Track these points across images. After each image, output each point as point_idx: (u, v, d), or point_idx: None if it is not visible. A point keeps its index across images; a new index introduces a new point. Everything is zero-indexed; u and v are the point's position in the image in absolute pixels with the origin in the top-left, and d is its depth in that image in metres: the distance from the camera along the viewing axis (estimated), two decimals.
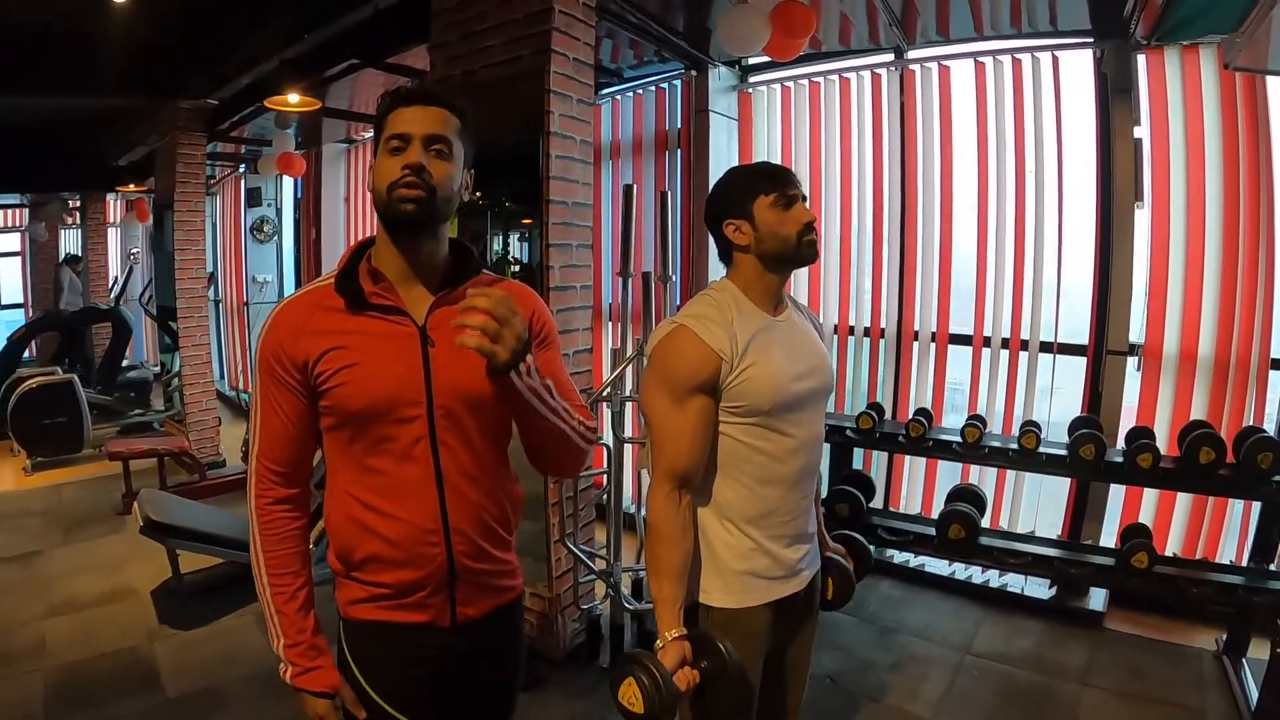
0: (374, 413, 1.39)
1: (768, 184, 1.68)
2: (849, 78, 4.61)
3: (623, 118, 5.41)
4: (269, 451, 1.46)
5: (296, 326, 1.41)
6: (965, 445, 3.81)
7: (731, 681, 1.57)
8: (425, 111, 1.39)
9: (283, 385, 1.42)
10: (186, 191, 6.72)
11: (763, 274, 1.71)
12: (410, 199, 1.35)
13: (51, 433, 6.54)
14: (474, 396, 1.43)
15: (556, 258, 3.16)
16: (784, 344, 1.70)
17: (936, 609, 3.81)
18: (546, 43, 2.99)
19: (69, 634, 3.70)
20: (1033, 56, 4.05)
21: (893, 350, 4.61)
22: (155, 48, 5.65)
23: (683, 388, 1.62)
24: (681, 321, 1.66)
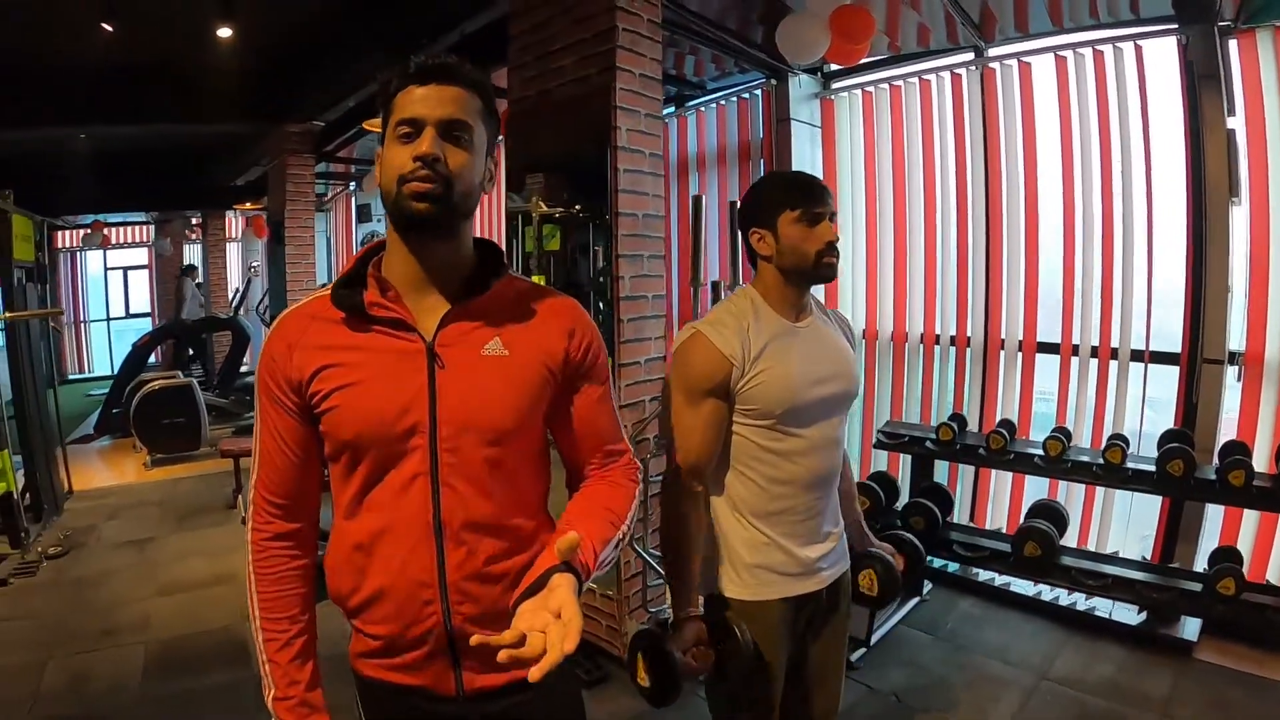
0: (367, 442, 1.20)
1: (795, 198, 1.70)
2: (929, 79, 4.56)
3: (707, 129, 5.47)
4: (267, 480, 1.28)
5: (292, 340, 1.22)
6: (1048, 459, 3.69)
7: (747, 662, 1.60)
8: (439, 91, 1.16)
9: (279, 406, 1.25)
10: (296, 209, 7.16)
11: (782, 284, 1.75)
12: (422, 195, 1.14)
13: (171, 431, 7.01)
14: (488, 431, 1.22)
15: (626, 268, 3.23)
16: (803, 349, 1.73)
17: (1016, 629, 3.65)
18: (612, 60, 3.06)
19: (172, 612, 4.01)
20: (1114, 47, 3.89)
21: (979, 359, 4.50)
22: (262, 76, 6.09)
23: (696, 389, 1.68)
24: (699, 328, 1.71)
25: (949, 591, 4.01)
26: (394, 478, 1.20)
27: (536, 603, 1.01)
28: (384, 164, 1.19)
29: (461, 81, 1.18)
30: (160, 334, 9.62)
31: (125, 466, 7.19)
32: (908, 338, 4.77)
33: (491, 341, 1.24)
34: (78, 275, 13.75)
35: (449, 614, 1.22)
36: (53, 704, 3.20)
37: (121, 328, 13.60)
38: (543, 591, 1.02)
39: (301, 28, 5.52)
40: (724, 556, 1.76)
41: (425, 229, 1.18)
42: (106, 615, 3.98)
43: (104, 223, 12.38)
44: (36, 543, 4.97)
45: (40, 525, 5.30)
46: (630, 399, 3.25)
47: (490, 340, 1.24)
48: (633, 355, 3.25)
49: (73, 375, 13.19)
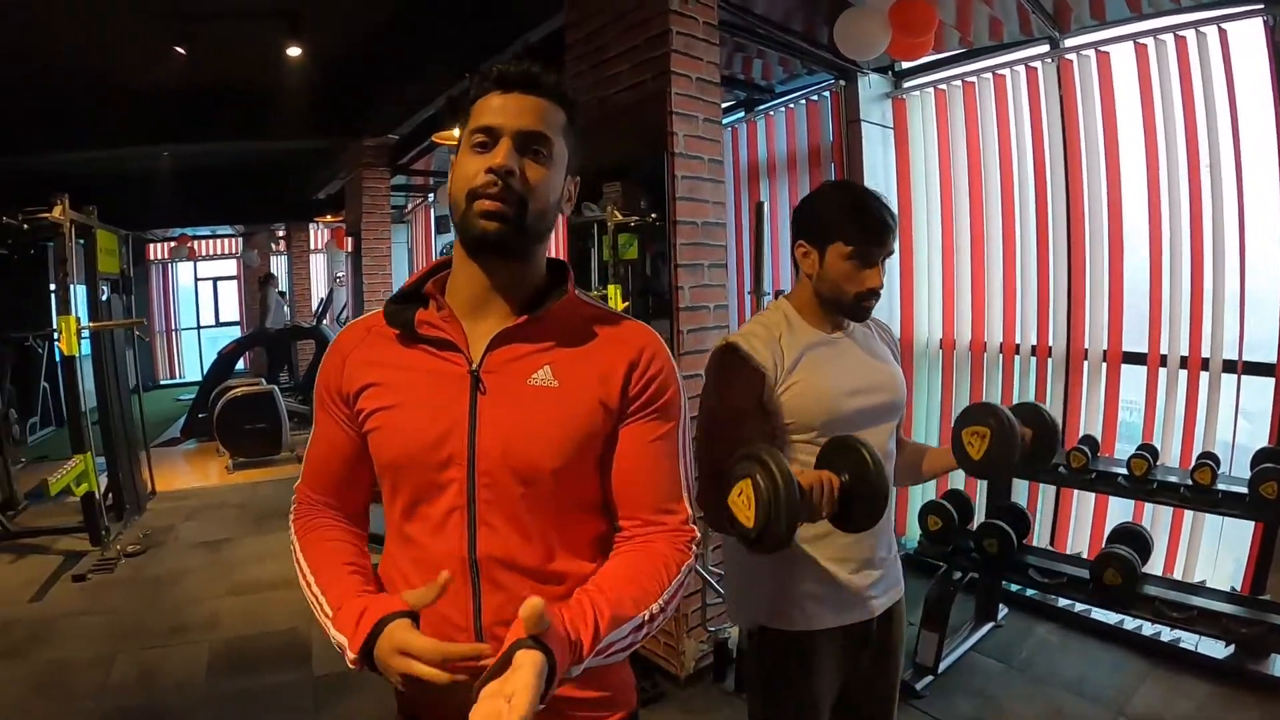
0: (404, 468, 1.12)
1: (854, 233, 1.59)
2: (1003, 74, 4.35)
3: (776, 133, 5.37)
4: (313, 478, 1.25)
5: (347, 352, 1.18)
6: (1132, 479, 3.45)
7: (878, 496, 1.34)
8: (521, 101, 1.08)
9: (331, 415, 1.20)
10: (373, 220, 7.38)
11: (816, 303, 1.68)
12: (492, 214, 1.05)
13: (252, 436, 7.25)
14: (525, 469, 1.09)
15: (686, 278, 3.17)
16: (839, 361, 1.66)
17: (1095, 660, 3.46)
18: (666, 65, 3.01)
19: (240, 612, 4.12)
20: (1197, 32, 3.62)
21: (1060, 370, 4.26)
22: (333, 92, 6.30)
23: (728, 401, 1.61)
24: (731, 339, 1.65)
25: (1025, 617, 3.83)
26: (431, 509, 1.11)
27: (495, 687, 0.84)
28: (455, 174, 1.11)
29: (545, 92, 1.10)
30: (245, 342, 9.96)
31: (208, 469, 7.46)
32: (986, 347, 4.56)
33: (540, 371, 1.12)
34: (169, 286, 14.42)
35: None
36: (120, 695, 3.32)
37: (211, 336, 14.21)
38: (506, 672, 0.85)
39: (367, 44, 5.69)
40: (767, 585, 1.66)
41: (494, 250, 1.10)
42: (177, 613, 4.12)
43: (189, 236, 12.97)
44: (116, 541, 5.16)
45: (121, 524, 5.52)
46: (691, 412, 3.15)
47: (539, 369, 1.12)
48: (692, 368, 3.16)
49: (164, 381, 13.86)
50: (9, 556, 5.06)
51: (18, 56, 5.46)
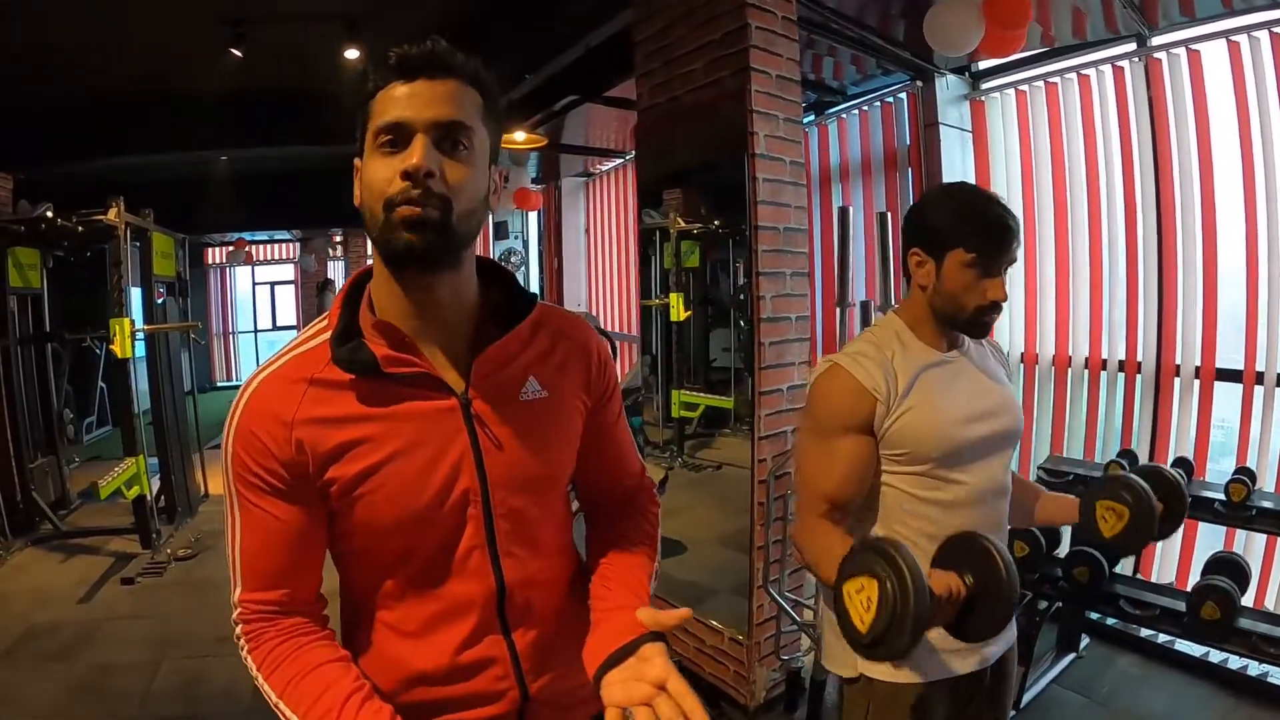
0: (411, 524, 1.01)
1: (977, 239, 1.45)
2: (1087, 74, 4.12)
3: (850, 137, 5.19)
4: (254, 579, 1.02)
5: (285, 414, 0.97)
6: (1229, 505, 3.21)
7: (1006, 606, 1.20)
8: (431, 88, 0.94)
9: (274, 494, 0.99)
10: None
11: (931, 317, 1.53)
12: (416, 222, 0.91)
13: None
14: (543, 478, 1.09)
15: (767, 287, 3.02)
16: (955, 384, 1.52)
17: (1180, 695, 3.26)
18: (745, 61, 2.87)
19: None
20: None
21: (1150, 388, 4.00)
22: None
23: (834, 427, 1.47)
24: (837, 360, 1.50)
25: (1107, 647, 3.63)
26: (445, 557, 1.04)
27: (627, 673, 0.94)
28: (364, 184, 0.95)
29: (456, 73, 0.96)
30: None
31: None
32: (1071, 362, 4.32)
33: (527, 384, 1.08)
34: (227, 290, 14.60)
35: (524, 688, 1.09)
36: (163, 703, 3.30)
37: (268, 339, 14.38)
38: (631, 659, 0.95)
39: None
40: None
41: (422, 263, 0.96)
42: (224, 621, 3.88)
43: (246, 240, 13.13)
44: (167, 544, 5.17)
45: (173, 527, 5.53)
46: (770, 429, 3.03)
47: (527, 382, 1.08)
48: (774, 382, 3.03)
49: (220, 383, 14.03)
50: (59, 556, 5.07)
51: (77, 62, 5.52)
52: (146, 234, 5.52)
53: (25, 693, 3.36)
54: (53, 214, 5.03)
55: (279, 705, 0.99)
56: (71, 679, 3.46)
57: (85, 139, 6.58)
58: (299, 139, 6.89)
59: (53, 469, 5.88)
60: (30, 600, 4.33)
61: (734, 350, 3.58)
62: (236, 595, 1.03)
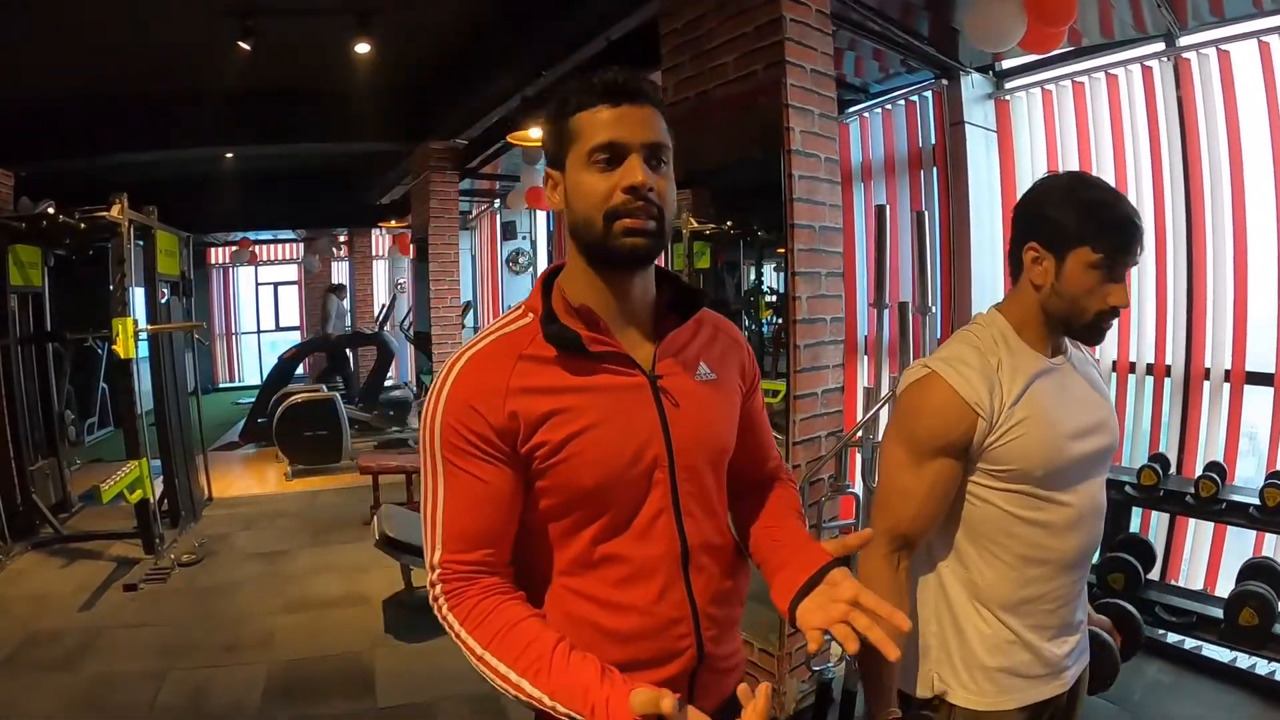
0: (609, 487, 1.09)
1: (1106, 238, 1.32)
2: (1115, 74, 4.03)
3: (872, 136, 5.10)
4: (462, 540, 1.08)
5: (495, 384, 1.07)
6: (1264, 510, 3.14)
7: None
8: (637, 113, 1.06)
9: (486, 459, 1.07)
10: (440, 226, 7.31)
11: (1041, 319, 1.41)
12: (641, 232, 1.05)
13: (312, 444, 7.18)
14: (718, 449, 1.21)
15: (803, 287, 2.92)
16: (1063, 394, 1.40)
17: (1212, 702, 3.17)
18: (780, 54, 2.77)
19: (298, 631, 3.96)
20: None
21: (1179, 391, 3.91)
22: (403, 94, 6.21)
23: (926, 446, 1.36)
24: (934, 367, 1.38)
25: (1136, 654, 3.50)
26: (638, 519, 1.13)
27: (821, 598, 1.05)
28: (578, 194, 1.08)
29: (651, 100, 1.09)
30: (306, 348, 9.96)
31: (267, 475, 7.38)
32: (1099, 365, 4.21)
33: (700, 367, 1.21)
34: (230, 289, 14.53)
35: (701, 643, 1.17)
36: (169, 716, 3.20)
37: (271, 340, 14.27)
38: (822, 585, 1.07)
39: (441, 42, 5.56)
40: (954, 652, 1.42)
41: (642, 264, 1.13)
42: (231, 629, 3.99)
43: (250, 240, 13.06)
44: (171, 549, 5.08)
45: (177, 531, 5.43)
46: (804, 435, 2.94)
47: (699, 366, 1.21)
48: (808, 386, 2.94)
49: (223, 384, 13.99)
50: (60, 561, 4.97)
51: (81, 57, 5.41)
52: (150, 231, 5.44)
53: (24, 705, 3.26)
54: (54, 211, 4.94)
55: (484, 657, 1.04)
56: (73, 690, 3.36)
57: (88, 135, 6.48)
58: (306, 136, 6.81)
59: (53, 471, 5.78)
60: (30, 606, 4.24)
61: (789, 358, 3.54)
62: (436, 557, 1.09)
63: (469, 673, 1.07)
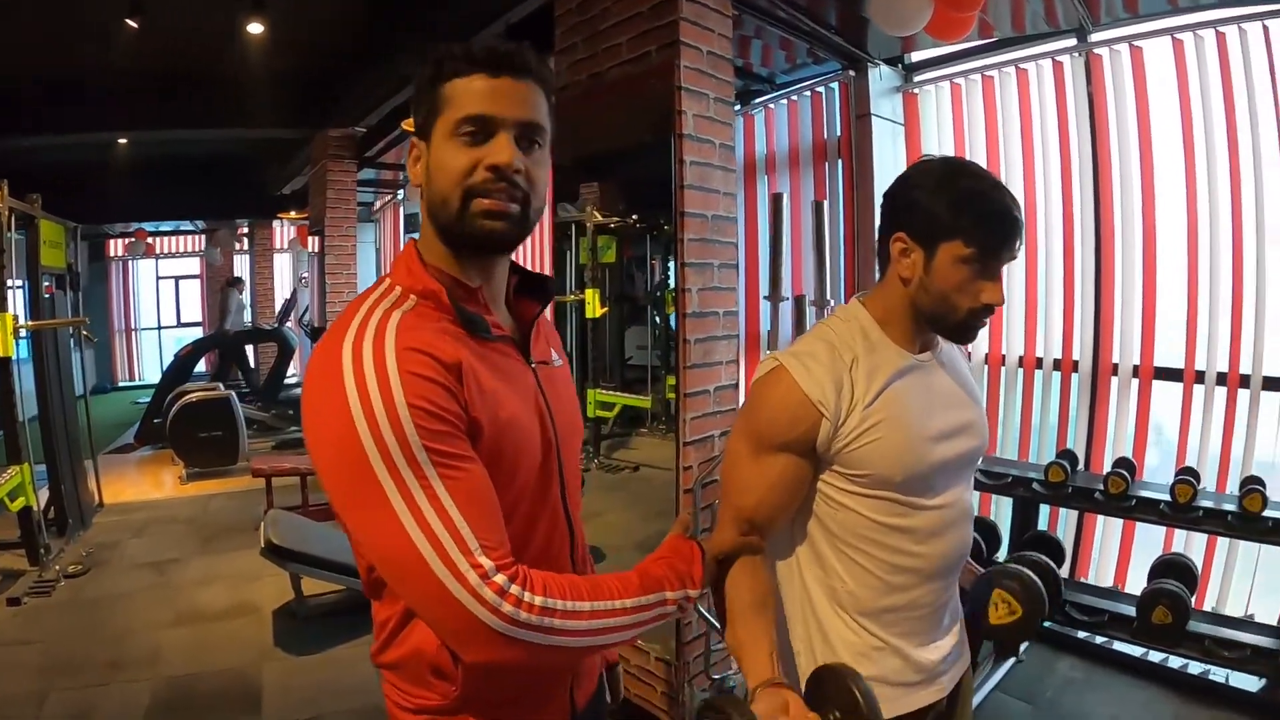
0: (528, 479, 1.03)
1: (978, 231, 1.23)
2: (1026, 68, 4.05)
3: (777, 127, 5.04)
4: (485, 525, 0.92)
5: (443, 355, 0.93)
6: (1175, 506, 3.16)
7: None
8: (515, 87, 0.98)
9: (461, 438, 0.93)
10: (337, 217, 7.10)
11: (909, 314, 1.32)
12: (501, 215, 0.97)
13: (208, 445, 6.85)
14: (579, 438, 1.22)
15: (694, 279, 2.79)
16: (929, 394, 1.32)
17: (1125, 698, 3.18)
18: (674, 35, 2.65)
19: (185, 646, 3.78)
20: (1239, 28, 3.37)
21: (1087, 387, 3.95)
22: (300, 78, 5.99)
23: (767, 442, 1.28)
24: (783, 360, 1.29)
25: (1045, 650, 3.55)
26: (545, 512, 1.09)
27: None
28: (438, 167, 0.99)
29: (534, 76, 1.02)
30: (203, 344, 9.58)
31: (161, 479, 7.04)
32: (1005, 360, 4.25)
33: (553, 353, 1.20)
34: (129, 284, 13.91)
35: None
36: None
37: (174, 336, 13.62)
38: None
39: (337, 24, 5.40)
40: (821, 659, 1.34)
41: (499, 250, 1.06)
42: (117, 645, 3.78)
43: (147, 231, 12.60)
44: (57, 560, 4.79)
45: (64, 540, 5.12)
46: (696, 434, 2.81)
47: (552, 351, 1.20)
48: (700, 383, 2.81)
49: (123, 383, 13.42)
50: None
51: None
52: (34, 221, 5.14)
53: None
54: None
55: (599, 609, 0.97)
56: None
57: None
58: (201, 122, 6.52)
59: None
60: None
61: (650, 348, 3.55)
62: (487, 565, 0.89)
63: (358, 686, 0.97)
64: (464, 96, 0.97)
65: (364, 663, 3.79)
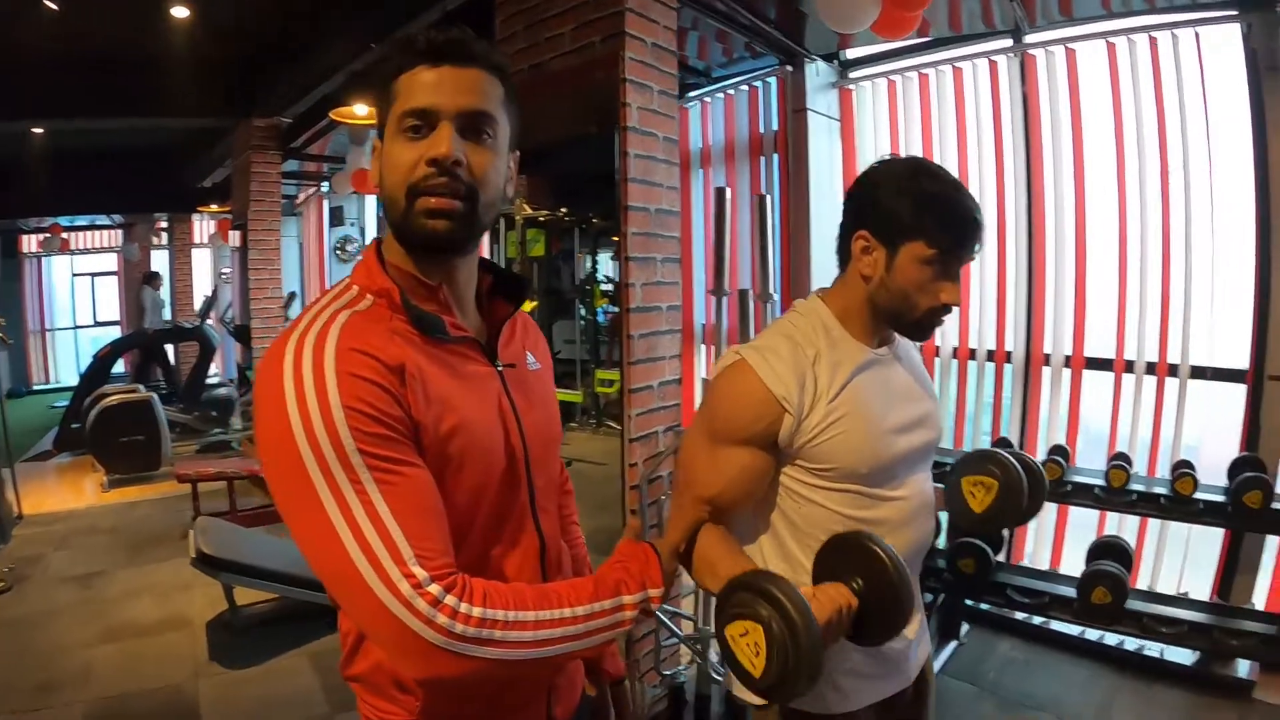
0: (486, 489, 1.00)
1: (941, 233, 1.25)
2: (962, 67, 4.12)
3: (713, 121, 5.04)
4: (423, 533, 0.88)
5: (388, 356, 0.90)
6: (1109, 490, 3.30)
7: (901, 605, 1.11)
8: (458, 75, 0.95)
9: (409, 444, 0.90)
10: (261, 210, 6.80)
11: (867, 310, 1.33)
12: (441, 212, 0.93)
13: (129, 450, 6.57)
14: (554, 444, 1.17)
15: (637, 273, 2.76)
16: (887, 387, 1.34)
17: (1066, 676, 3.30)
18: (620, 25, 2.61)
19: (117, 663, 3.61)
20: (1171, 34, 3.51)
21: (1020, 377, 4.05)
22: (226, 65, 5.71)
23: (728, 436, 1.28)
24: (745, 355, 1.29)
25: (985, 632, 3.64)
26: (508, 523, 1.05)
27: None
28: (386, 165, 0.97)
29: (481, 62, 0.98)
30: (122, 344, 9.20)
31: (82, 487, 6.71)
32: (939, 352, 4.32)
33: (529, 356, 1.16)
34: (43, 282, 13.31)
35: None
36: None
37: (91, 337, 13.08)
38: None
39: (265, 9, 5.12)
40: None
41: (445, 251, 1.00)
42: (46, 665, 3.58)
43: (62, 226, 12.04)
44: None
45: None
46: (641, 430, 2.78)
47: (526, 355, 1.16)
48: (644, 378, 2.78)
49: (38, 385, 12.84)
50: None
51: None
52: None
53: None
54: None
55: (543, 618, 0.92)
56: None
57: None
58: (124, 110, 6.16)
59: None
60: None
61: (578, 342, 3.56)
62: (421, 575, 0.85)
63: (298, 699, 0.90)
64: (408, 90, 0.95)
65: (303, 674, 3.65)
